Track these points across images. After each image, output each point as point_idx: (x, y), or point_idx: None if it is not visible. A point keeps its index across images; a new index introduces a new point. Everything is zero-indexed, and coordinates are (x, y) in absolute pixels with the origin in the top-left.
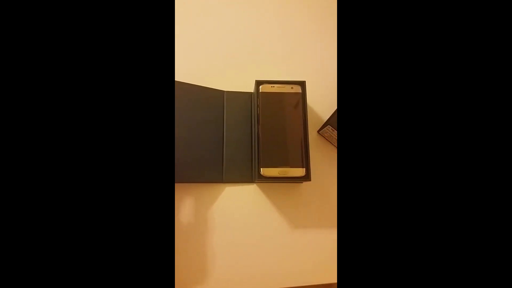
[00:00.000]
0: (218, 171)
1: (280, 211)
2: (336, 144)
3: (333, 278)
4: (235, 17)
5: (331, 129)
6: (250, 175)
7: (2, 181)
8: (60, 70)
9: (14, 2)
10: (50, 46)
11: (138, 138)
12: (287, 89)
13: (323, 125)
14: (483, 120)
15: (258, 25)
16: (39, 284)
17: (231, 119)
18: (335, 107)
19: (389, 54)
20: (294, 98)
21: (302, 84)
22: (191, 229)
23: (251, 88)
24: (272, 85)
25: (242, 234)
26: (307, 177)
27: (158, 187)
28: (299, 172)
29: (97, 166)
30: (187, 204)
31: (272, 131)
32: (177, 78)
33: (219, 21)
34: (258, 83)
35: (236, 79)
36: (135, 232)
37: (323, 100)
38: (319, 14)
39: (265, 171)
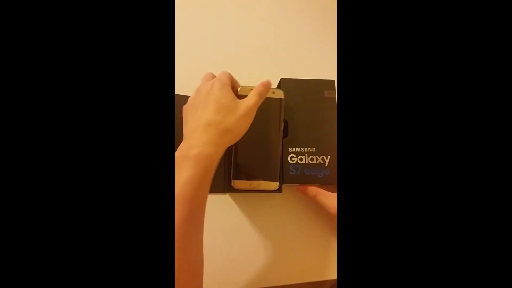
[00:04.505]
0: None
1: (252, 221)
2: None
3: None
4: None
5: None
6: (223, 185)
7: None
8: (54, 71)
9: (14, 2)
10: (46, 51)
11: (138, 140)
12: (268, 93)
13: None
14: (479, 119)
15: (250, 23)
16: (39, 284)
17: None
18: None
19: (390, 55)
20: (274, 104)
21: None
22: None
23: None
24: (252, 87)
25: (214, 247)
26: (279, 190)
27: (159, 189)
28: (272, 185)
29: (96, 168)
30: None
31: (248, 141)
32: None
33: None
34: None
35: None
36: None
37: None
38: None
39: (236, 183)
